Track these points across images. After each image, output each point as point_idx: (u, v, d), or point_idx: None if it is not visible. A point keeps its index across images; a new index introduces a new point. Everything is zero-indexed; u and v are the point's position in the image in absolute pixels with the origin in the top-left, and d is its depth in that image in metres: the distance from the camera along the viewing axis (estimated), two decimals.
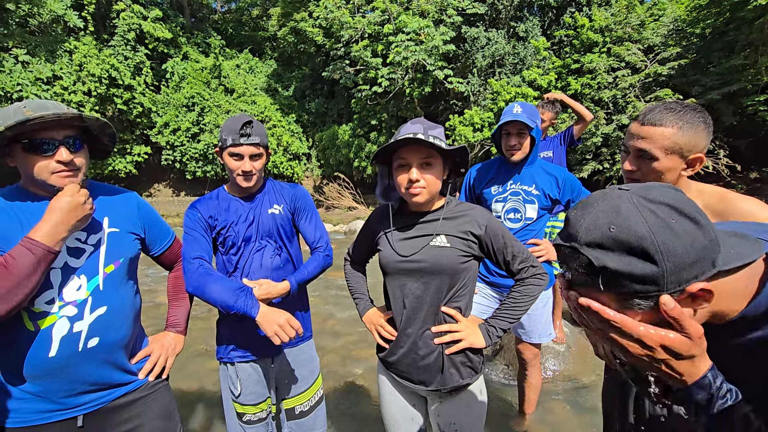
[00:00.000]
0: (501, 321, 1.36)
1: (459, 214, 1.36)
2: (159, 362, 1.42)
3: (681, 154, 1.05)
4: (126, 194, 1.43)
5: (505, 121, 2.01)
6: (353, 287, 1.65)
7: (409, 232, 1.37)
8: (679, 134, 1.03)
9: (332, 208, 17.27)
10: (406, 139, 1.21)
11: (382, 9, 14.63)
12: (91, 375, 1.23)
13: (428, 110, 17.11)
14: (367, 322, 1.53)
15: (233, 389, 1.65)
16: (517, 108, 2.02)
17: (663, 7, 14.26)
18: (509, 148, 2.06)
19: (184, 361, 3.55)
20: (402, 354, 1.38)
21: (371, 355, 3.68)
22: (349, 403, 2.92)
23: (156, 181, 21.44)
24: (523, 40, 15.53)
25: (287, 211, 1.71)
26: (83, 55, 17.29)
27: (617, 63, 13.50)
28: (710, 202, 1.09)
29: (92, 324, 1.21)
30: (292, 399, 1.72)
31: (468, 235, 1.33)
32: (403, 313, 1.37)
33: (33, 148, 1.13)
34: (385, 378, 1.49)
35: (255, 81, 21.86)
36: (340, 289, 6.03)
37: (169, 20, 21.65)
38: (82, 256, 1.23)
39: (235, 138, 1.52)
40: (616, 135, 13.26)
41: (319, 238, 1.76)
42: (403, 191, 1.30)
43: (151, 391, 1.39)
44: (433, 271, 1.31)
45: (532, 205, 2.08)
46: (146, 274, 6.83)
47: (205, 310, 4.97)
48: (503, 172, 2.17)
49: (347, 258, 1.70)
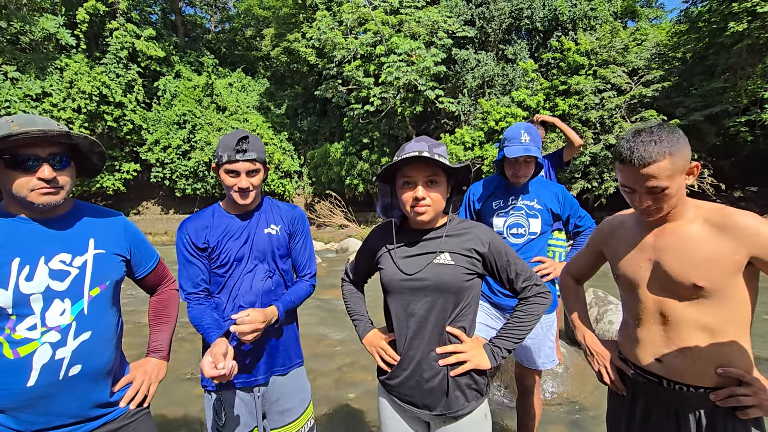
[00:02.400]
0: (505, 341, 1.32)
1: (462, 232, 1.34)
2: (141, 390, 1.34)
3: (681, 172, 1.11)
4: (111, 215, 1.37)
5: (515, 156, 1.93)
6: (352, 308, 1.58)
7: (412, 250, 1.34)
8: (674, 159, 1.08)
9: (324, 226, 17.19)
10: (412, 157, 1.19)
11: (374, 31, 14.96)
12: (69, 406, 1.15)
13: (420, 129, 17.34)
14: (368, 344, 1.46)
15: (217, 419, 1.55)
16: (524, 136, 1.94)
17: (645, 33, 14.81)
18: (517, 176, 2.01)
19: (169, 386, 3.40)
20: (405, 377, 1.33)
21: (365, 379, 3.57)
22: (343, 429, 2.80)
23: (145, 198, 21.20)
24: (511, 62, 15.95)
25: (285, 233, 1.65)
26: (74, 72, 17.27)
27: (603, 85, 13.90)
28: (710, 217, 1.14)
29: (75, 350, 1.14)
30: (282, 429, 1.62)
31: (472, 252, 1.30)
32: (406, 333, 1.32)
33: (15, 163, 1.09)
34: (386, 401, 1.42)
35: (247, 99, 22.01)
36: (332, 310, 5.91)
37: (162, 39, 21.84)
38: (66, 278, 1.16)
39: (231, 154, 1.47)
40: (603, 154, 13.53)
41: (309, 266, 1.73)
42: (408, 209, 1.28)
43: (131, 420, 1.30)
44: (437, 289, 1.28)
45: (536, 219, 2.02)
46: (128, 294, 6.63)
47: (190, 332, 4.81)
48: (503, 187, 2.12)
49: (345, 278, 1.64)
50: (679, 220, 1.18)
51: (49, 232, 1.18)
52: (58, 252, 1.17)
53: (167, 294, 1.54)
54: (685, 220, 1.18)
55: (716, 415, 1.12)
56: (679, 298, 1.15)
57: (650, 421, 1.21)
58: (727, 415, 1.11)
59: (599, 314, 4.10)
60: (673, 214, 1.18)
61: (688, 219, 1.18)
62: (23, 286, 1.09)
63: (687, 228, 1.16)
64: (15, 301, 1.08)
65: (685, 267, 1.12)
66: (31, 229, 1.15)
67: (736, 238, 1.08)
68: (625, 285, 1.28)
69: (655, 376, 1.21)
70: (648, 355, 1.21)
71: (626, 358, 1.31)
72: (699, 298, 1.12)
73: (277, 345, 1.60)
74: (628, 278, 1.26)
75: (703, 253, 1.11)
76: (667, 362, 1.17)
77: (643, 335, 1.22)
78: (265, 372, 1.57)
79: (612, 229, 1.37)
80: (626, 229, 1.32)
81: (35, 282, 1.11)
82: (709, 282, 1.09)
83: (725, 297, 1.10)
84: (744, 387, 1.09)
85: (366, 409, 3.06)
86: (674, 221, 1.19)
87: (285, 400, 1.63)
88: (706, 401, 1.12)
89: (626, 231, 1.31)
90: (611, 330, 3.90)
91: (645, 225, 1.25)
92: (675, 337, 1.15)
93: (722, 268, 1.09)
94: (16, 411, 1.09)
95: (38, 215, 1.17)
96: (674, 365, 1.15)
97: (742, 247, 1.07)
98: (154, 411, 1.44)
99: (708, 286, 1.10)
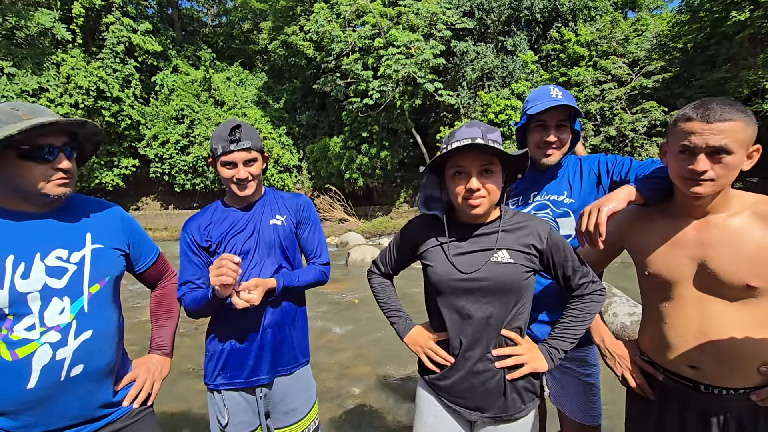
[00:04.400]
0: (561, 341, 1.24)
1: (518, 226, 1.24)
2: (145, 388, 1.32)
3: (747, 146, 1.01)
4: (108, 207, 1.33)
5: (542, 109, 1.43)
6: (387, 303, 1.47)
7: (465, 246, 1.24)
8: (746, 127, 0.99)
9: (323, 221, 17.16)
10: (465, 145, 1.10)
11: (372, 23, 14.81)
12: (71, 408, 1.12)
13: (419, 122, 17.23)
14: (412, 343, 1.36)
15: (220, 418, 1.53)
16: (555, 91, 1.48)
17: (646, 23, 14.68)
18: (544, 146, 1.50)
19: (171, 382, 3.39)
20: (459, 378, 1.25)
21: (369, 373, 3.56)
22: (347, 426, 2.78)
23: (144, 194, 21.12)
24: (511, 54, 15.82)
25: (291, 223, 1.60)
26: (71, 67, 17.12)
27: (604, 76, 13.80)
28: (758, 209, 1.05)
29: (77, 350, 1.11)
30: (286, 429, 1.59)
31: (530, 248, 1.22)
32: (462, 336, 1.24)
33: (31, 154, 1.05)
34: (433, 399, 1.34)
35: (245, 93, 21.85)
36: (334, 304, 5.90)
37: (159, 33, 21.63)
38: (64, 275, 1.12)
39: (225, 145, 1.43)
40: (604, 146, 13.46)
41: (320, 253, 1.67)
42: (459, 201, 1.18)
43: (134, 420, 1.28)
44: (497, 291, 1.20)
45: (567, 218, 1.54)
46: (129, 289, 6.61)
47: (192, 328, 4.80)
48: (527, 178, 1.61)
49: (375, 271, 1.52)
50: (724, 211, 1.08)
51: (43, 227, 1.13)
52: (54, 248, 1.13)
53: (169, 288, 1.51)
54: (730, 212, 1.07)
55: (758, 414, 1.05)
56: (726, 299, 1.05)
57: (685, 426, 1.13)
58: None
59: (604, 306, 4.09)
60: (717, 205, 1.07)
61: (733, 211, 1.07)
62: (19, 284, 1.05)
63: (734, 221, 1.05)
64: (11, 300, 1.04)
65: (737, 266, 1.02)
66: (23, 225, 1.11)
67: None
68: (659, 284, 1.16)
69: (689, 380, 1.11)
70: (683, 361, 1.11)
71: (652, 360, 1.22)
72: (748, 299, 1.02)
73: (283, 343, 1.56)
74: (663, 277, 1.14)
75: (755, 250, 1.01)
76: (705, 368, 1.08)
77: (677, 337, 1.12)
78: (269, 372, 1.53)
79: (633, 221, 1.25)
80: (656, 222, 1.19)
81: (32, 280, 1.07)
82: (764, 281, 1.00)
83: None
84: None
85: (369, 406, 3.04)
86: (718, 213, 1.08)
87: (290, 399, 1.59)
88: (747, 401, 1.05)
89: (657, 224, 1.18)
90: (615, 322, 3.89)
91: (683, 217, 1.13)
92: (716, 340, 1.05)
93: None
94: (16, 414, 1.06)
95: (36, 209, 1.13)
96: (713, 369, 1.07)
97: None
98: (157, 407, 1.42)
99: (762, 285, 1.00)
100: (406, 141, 17.49)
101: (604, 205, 1.17)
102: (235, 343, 1.51)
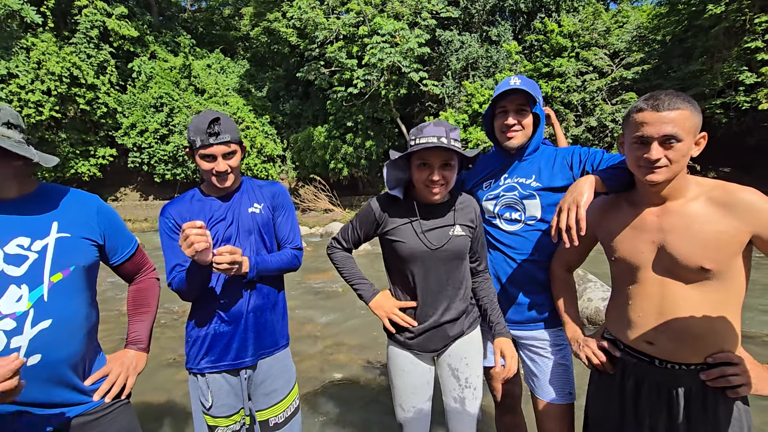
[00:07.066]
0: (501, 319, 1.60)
1: (463, 205, 1.55)
2: (117, 382, 1.30)
3: (694, 134, 1.08)
4: (84, 197, 1.30)
5: (500, 92, 1.56)
6: (350, 273, 1.63)
7: (429, 223, 1.50)
8: (693, 115, 1.06)
9: (308, 211, 17.06)
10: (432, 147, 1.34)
11: (356, 11, 14.61)
12: (30, 395, 1.10)
13: (404, 112, 17.20)
14: (377, 307, 1.56)
15: (204, 401, 1.55)
16: (515, 79, 1.59)
17: (627, 15, 14.88)
18: (506, 129, 1.60)
19: (151, 372, 3.37)
20: (427, 331, 1.52)
21: (350, 360, 3.61)
22: (328, 409, 2.83)
23: (122, 184, 20.60)
24: (495, 44, 15.86)
25: (268, 210, 1.63)
26: (41, 52, 16.44)
27: (585, 67, 13.98)
28: (713, 194, 1.10)
29: (33, 339, 1.09)
30: (267, 411, 1.63)
31: (471, 222, 1.53)
32: (428, 296, 1.50)
33: None
34: (406, 352, 1.57)
35: (227, 81, 21.38)
36: (316, 293, 5.92)
37: (135, 18, 20.89)
38: (23, 263, 1.11)
39: (204, 138, 1.43)
40: (585, 137, 13.70)
41: (292, 237, 1.69)
42: (422, 187, 1.43)
43: (108, 411, 1.27)
44: (454, 258, 1.49)
45: (533, 200, 1.60)
46: (108, 281, 6.50)
47: (173, 318, 4.76)
48: (497, 162, 1.71)
49: (336, 246, 1.67)
50: (681, 198, 1.14)
51: (6, 214, 1.13)
52: (16, 235, 1.12)
53: (147, 282, 1.49)
54: (687, 198, 1.13)
55: (706, 390, 1.12)
56: (683, 281, 1.11)
57: (641, 397, 1.22)
58: (717, 390, 1.11)
59: (579, 292, 4.21)
60: (675, 191, 1.14)
61: (690, 197, 1.13)
62: None
63: (691, 207, 1.11)
64: None
65: (692, 249, 1.08)
66: None
67: (741, 217, 1.04)
68: (624, 268, 1.23)
69: (646, 355, 1.19)
70: (641, 337, 1.19)
71: (615, 338, 1.30)
72: (703, 281, 1.09)
73: (265, 327, 1.60)
74: (628, 261, 1.20)
75: (709, 234, 1.07)
76: (661, 344, 1.15)
77: (638, 317, 1.19)
78: (253, 354, 1.57)
79: (603, 210, 1.32)
80: (621, 210, 1.26)
81: None
82: (716, 264, 1.06)
83: (727, 278, 1.08)
84: (733, 367, 1.08)
85: (350, 391, 3.10)
86: (676, 199, 1.14)
87: (270, 381, 1.63)
88: (697, 378, 1.12)
89: (622, 212, 1.25)
90: (590, 307, 4.03)
91: (645, 204, 1.19)
92: (672, 320, 1.12)
93: (728, 249, 1.06)
94: None
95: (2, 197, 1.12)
96: (668, 347, 1.14)
97: (746, 225, 1.04)
98: (136, 397, 1.41)
99: (715, 268, 1.06)
100: (391, 131, 17.45)
101: (579, 200, 1.23)
102: (218, 327, 1.53)
